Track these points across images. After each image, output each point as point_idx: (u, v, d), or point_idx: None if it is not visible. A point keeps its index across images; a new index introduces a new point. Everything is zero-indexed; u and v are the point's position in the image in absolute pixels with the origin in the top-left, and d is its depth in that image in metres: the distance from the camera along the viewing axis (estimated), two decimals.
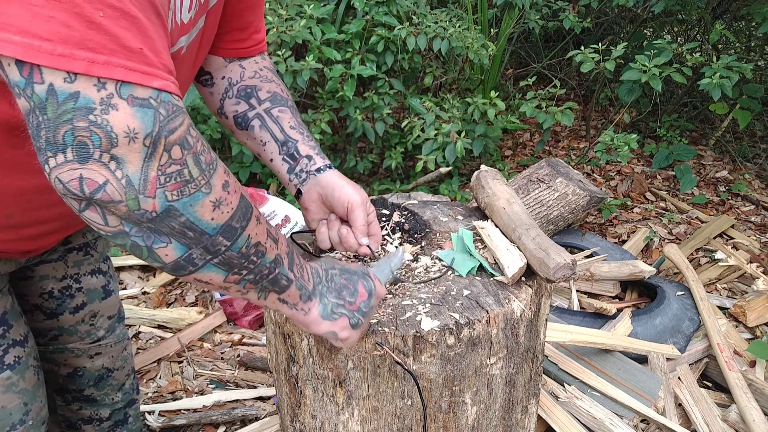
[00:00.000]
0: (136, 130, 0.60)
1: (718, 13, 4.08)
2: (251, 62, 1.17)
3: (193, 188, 0.65)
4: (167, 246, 0.68)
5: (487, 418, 1.14)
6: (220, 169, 0.69)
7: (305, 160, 1.12)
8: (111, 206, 0.63)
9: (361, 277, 0.94)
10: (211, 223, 0.68)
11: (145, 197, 0.63)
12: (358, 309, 0.92)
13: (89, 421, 1.45)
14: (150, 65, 0.61)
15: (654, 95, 3.86)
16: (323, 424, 1.14)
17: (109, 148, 0.60)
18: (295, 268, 0.85)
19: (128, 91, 0.60)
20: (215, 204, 0.68)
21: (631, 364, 1.98)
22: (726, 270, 2.70)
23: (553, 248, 1.10)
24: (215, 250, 0.71)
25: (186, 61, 0.93)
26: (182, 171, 0.64)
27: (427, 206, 1.44)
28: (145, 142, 0.61)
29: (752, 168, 3.84)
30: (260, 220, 0.76)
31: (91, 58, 0.58)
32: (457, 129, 2.94)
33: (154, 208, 0.64)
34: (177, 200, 0.64)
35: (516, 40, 4.51)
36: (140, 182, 0.62)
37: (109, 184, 0.61)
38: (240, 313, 2.46)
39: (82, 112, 0.58)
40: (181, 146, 0.63)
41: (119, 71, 0.59)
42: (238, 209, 0.71)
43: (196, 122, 2.91)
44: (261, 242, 0.76)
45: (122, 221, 0.65)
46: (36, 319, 1.28)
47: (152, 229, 0.66)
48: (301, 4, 2.90)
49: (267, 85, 1.15)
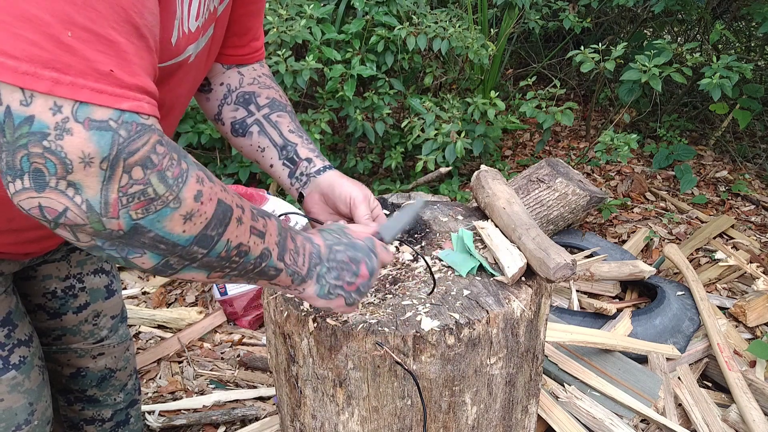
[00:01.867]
0: (91, 155, 0.58)
1: (718, 13, 4.08)
2: (250, 69, 1.16)
3: (160, 205, 0.63)
4: (142, 256, 0.67)
5: (487, 418, 1.14)
6: (191, 179, 0.66)
7: (305, 162, 1.11)
8: (76, 228, 0.62)
9: (366, 255, 0.92)
10: (183, 236, 0.66)
11: (108, 218, 0.61)
12: (356, 290, 0.91)
13: (91, 421, 1.46)
14: (121, 86, 0.60)
15: (654, 95, 3.86)
16: (323, 424, 1.14)
17: (64, 174, 0.58)
18: (287, 256, 0.83)
19: (85, 113, 0.57)
20: (186, 217, 0.66)
21: (631, 364, 1.98)
22: (726, 270, 2.70)
23: (553, 248, 1.10)
24: (191, 257, 0.70)
25: (194, 69, 0.93)
26: (146, 190, 0.62)
27: (427, 206, 1.44)
28: (102, 165, 0.59)
29: (752, 168, 3.84)
30: (242, 220, 0.74)
31: (56, 78, 0.56)
32: (457, 129, 2.94)
33: (120, 228, 0.62)
34: (142, 218, 0.63)
35: (516, 40, 4.51)
36: (101, 206, 0.60)
37: (69, 210, 0.60)
38: (240, 313, 2.46)
39: (37, 137, 0.57)
40: (143, 166, 0.61)
41: (85, 92, 0.57)
42: (214, 217, 0.69)
43: (196, 122, 2.91)
44: (243, 243, 0.74)
45: (93, 237, 0.64)
46: (39, 319, 1.28)
47: (124, 243, 0.65)
48: (301, 4, 2.90)
49: (266, 91, 1.15)
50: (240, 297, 2.45)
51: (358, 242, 0.93)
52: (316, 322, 1.04)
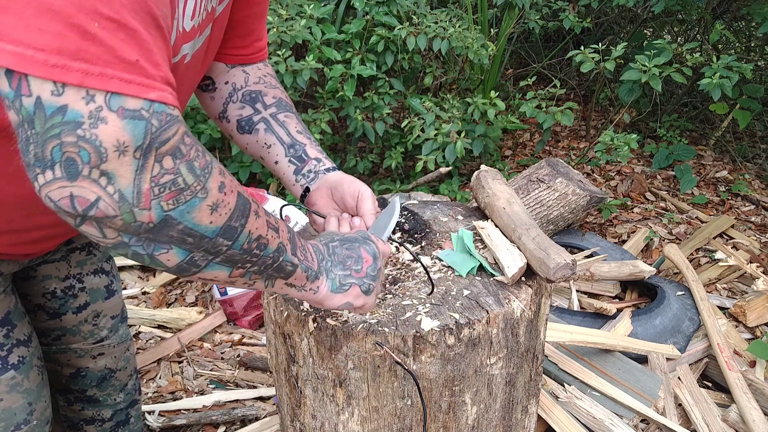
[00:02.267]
0: (126, 144, 0.58)
1: (718, 13, 4.08)
2: (254, 68, 1.18)
3: (189, 195, 0.64)
4: (168, 252, 0.67)
5: (487, 418, 1.14)
6: (215, 171, 0.67)
7: (314, 161, 1.14)
8: (107, 221, 0.62)
9: (362, 243, 0.94)
10: (210, 227, 0.67)
11: (140, 210, 0.61)
12: (366, 275, 0.92)
13: (91, 421, 1.45)
14: (147, 77, 0.60)
15: (654, 95, 3.86)
16: (323, 424, 1.14)
17: (98, 163, 0.58)
18: (299, 251, 0.84)
19: (118, 102, 0.58)
20: (212, 207, 0.67)
21: (631, 364, 1.98)
22: (726, 270, 2.70)
23: (553, 248, 1.10)
24: (217, 250, 0.70)
25: (191, 69, 0.93)
26: (176, 180, 0.62)
27: (427, 206, 1.44)
28: (136, 154, 0.59)
29: (752, 168, 3.84)
30: (259, 213, 0.75)
31: (86, 69, 0.56)
32: (457, 129, 2.94)
33: (151, 220, 0.63)
34: (173, 209, 0.63)
35: (516, 40, 4.50)
36: (134, 196, 0.60)
37: (102, 200, 0.60)
38: (240, 313, 2.46)
39: (70, 126, 0.57)
40: (173, 156, 0.62)
41: (114, 83, 0.57)
42: (236, 208, 0.70)
43: (196, 122, 2.91)
44: (262, 235, 0.76)
45: (120, 233, 0.64)
46: (39, 319, 1.28)
47: (151, 239, 0.65)
48: (301, 4, 2.90)
49: (272, 90, 1.17)
50: (240, 297, 2.45)
51: (351, 235, 0.96)
52: (316, 322, 1.04)
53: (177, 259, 0.69)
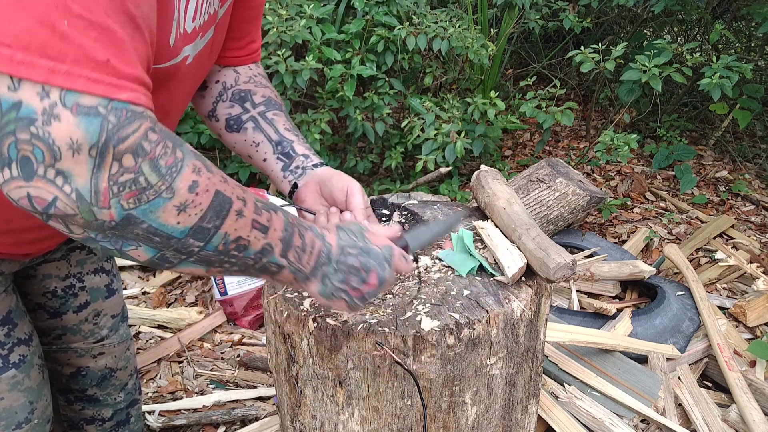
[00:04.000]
0: (79, 141, 0.56)
1: (718, 13, 4.08)
2: (245, 68, 1.18)
3: (152, 195, 0.61)
4: (137, 249, 0.66)
5: (487, 418, 1.14)
6: (186, 170, 0.64)
7: (302, 158, 1.13)
8: (67, 219, 0.61)
9: (378, 264, 0.88)
10: (177, 227, 0.65)
11: (99, 209, 0.60)
12: (361, 297, 0.88)
13: (91, 421, 1.46)
14: (118, 77, 0.58)
15: (654, 95, 3.86)
16: (323, 424, 1.14)
17: (53, 162, 0.56)
18: (291, 253, 0.80)
19: (73, 99, 0.56)
20: (179, 208, 0.64)
21: (631, 364, 1.98)
22: (726, 270, 2.70)
23: (553, 248, 1.10)
24: (188, 251, 0.68)
25: (192, 70, 0.93)
26: (137, 179, 0.60)
27: (427, 206, 1.44)
28: (91, 152, 0.57)
29: (752, 168, 3.84)
30: (243, 213, 0.71)
31: (52, 67, 0.55)
32: (457, 129, 2.94)
33: (112, 218, 0.61)
34: (134, 208, 0.61)
35: (516, 40, 4.51)
36: (91, 195, 0.59)
37: (59, 200, 0.58)
38: (240, 313, 2.46)
39: (24, 123, 0.55)
40: (134, 154, 0.59)
41: (81, 81, 0.56)
42: (210, 209, 0.67)
43: (196, 122, 2.91)
44: (242, 236, 0.72)
45: (85, 229, 0.63)
46: (39, 318, 1.28)
47: (117, 235, 0.64)
48: (301, 4, 2.90)
49: (261, 90, 1.16)
50: (240, 297, 2.45)
51: (374, 249, 0.89)
52: (316, 322, 1.04)
53: (147, 255, 0.67)
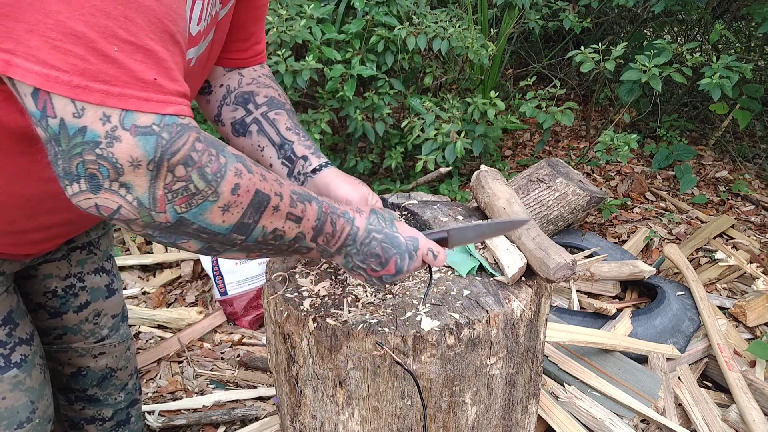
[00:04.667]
0: (139, 159, 0.64)
1: (718, 13, 4.08)
2: (250, 70, 1.17)
3: (200, 199, 0.70)
4: (188, 242, 0.75)
5: (487, 418, 1.14)
6: (229, 174, 0.71)
7: (301, 161, 1.11)
8: (129, 222, 0.70)
9: (399, 254, 0.93)
10: (222, 226, 0.73)
11: (157, 213, 0.68)
12: (379, 278, 0.95)
13: (92, 420, 1.46)
14: (164, 93, 0.66)
15: (654, 95, 3.86)
16: (323, 424, 1.14)
17: (116, 177, 0.65)
18: (321, 238, 0.88)
19: (131, 120, 0.63)
20: (224, 209, 0.72)
21: (631, 364, 1.98)
22: (726, 270, 2.70)
23: (553, 248, 1.10)
24: (231, 243, 0.77)
25: (195, 73, 0.94)
26: (188, 186, 0.68)
27: (427, 206, 1.44)
28: (149, 167, 0.65)
29: (752, 168, 3.84)
30: (279, 207, 0.79)
31: (106, 90, 0.62)
32: (457, 129, 2.94)
33: (167, 220, 0.70)
34: (186, 212, 0.70)
35: (516, 40, 4.50)
36: (150, 202, 0.67)
37: (123, 207, 0.67)
38: (240, 313, 2.46)
39: (90, 146, 0.63)
40: (184, 165, 0.67)
41: (133, 102, 0.63)
42: (250, 207, 0.74)
43: (197, 122, 2.90)
44: (278, 228, 0.80)
45: (144, 228, 0.71)
46: (40, 318, 1.28)
47: (171, 232, 0.72)
48: (301, 4, 2.90)
49: (264, 90, 1.15)
50: (240, 297, 2.45)
51: (399, 238, 0.94)
52: (316, 322, 1.04)
53: (197, 247, 0.76)
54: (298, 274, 1.19)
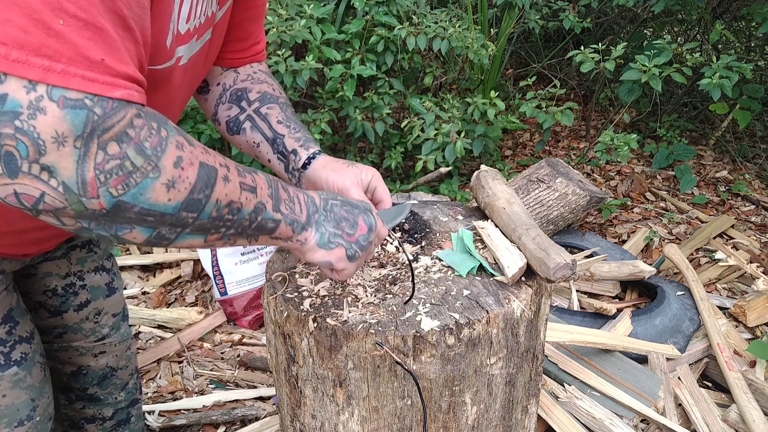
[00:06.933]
0: (65, 134, 0.56)
1: (718, 13, 4.08)
2: (246, 67, 1.17)
3: (140, 177, 0.61)
4: (132, 231, 0.66)
5: (487, 418, 1.14)
6: (170, 147, 0.64)
7: (292, 156, 1.11)
8: (58, 212, 0.61)
9: (362, 212, 0.94)
10: (169, 204, 0.65)
11: (88, 199, 0.59)
12: (356, 241, 0.92)
13: (92, 420, 1.46)
14: (112, 75, 0.59)
15: (654, 95, 3.86)
16: (323, 424, 1.14)
17: (37, 158, 0.56)
18: (283, 205, 0.83)
19: (60, 92, 0.56)
20: (168, 185, 0.64)
21: (631, 364, 1.98)
22: (726, 270, 2.70)
23: (553, 248, 1.10)
24: (183, 223, 0.69)
25: (188, 72, 0.93)
26: (123, 164, 0.60)
27: (427, 206, 1.44)
28: (76, 144, 0.57)
29: (752, 168, 3.85)
30: (229, 177, 0.72)
31: (48, 66, 0.55)
32: (457, 129, 2.94)
33: (102, 207, 0.61)
34: (124, 193, 0.61)
35: (516, 40, 4.51)
36: (78, 186, 0.58)
37: (47, 195, 0.58)
38: (240, 313, 2.46)
39: (8, 117, 0.54)
40: (118, 141, 0.59)
41: (76, 81, 0.56)
42: (198, 181, 0.67)
43: (195, 122, 2.91)
44: (234, 200, 0.73)
45: (77, 220, 0.63)
46: (40, 316, 1.28)
47: (110, 221, 0.63)
48: (301, 3, 2.90)
49: (258, 86, 1.15)
50: (240, 297, 2.45)
51: (354, 201, 0.96)
52: (316, 322, 1.04)
53: (143, 236, 0.67)
54: (298, 274, 1.19)
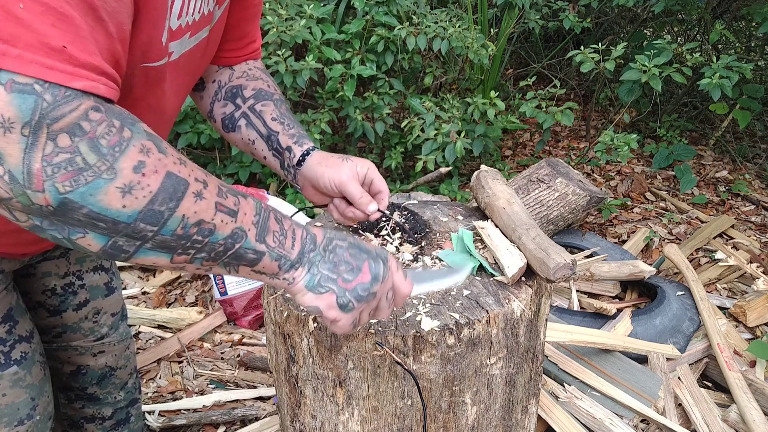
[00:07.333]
0: (12, 119, 0.54)
1: (718, 13, 4.08)
2: (242, 65, 1.17)
3: (91, 176, 0.57)
4: (85, 236, 0.62)
5: (487, 418, 1.14)
6: (131, 149, 0.60)
7: (287, 153, 1.09)
8: (7, 204, 0.58)
9: (372, 258, 0.81)
10: (123, 211, 0.60)
11: (33, 192, 0.56)
12: (352, 289, 0.79)
13: (92, 419, 1.46)
14: (74, 65, 0.57)
15: (654, 95, 3.86)
16: (323, 424, 1.14)
17: None
18: (270, 237, 0.74)
19: (8, 76, 0.54)
20: (124, 190, 0.59)
21: (631, 364, 1.98)
22: (726, 270, 2.70)
23: (553, 248, 1.10)
24: (141, 236, 0.63)
25: (182, 69, 0.92)
26: (73, 159, 0.57)
27: (427, 206, 1.44)
28: (24, 131, 0.54)
29: (752, 168, 3.85)
30: (203, 195, 0.66)
31: (3, 50, 0.53)
32: (457, 129, 2.94)
33: (48, 202, 0.57)
34: (71, 191, 0.57)
35: (516, 40, 4.51)
36: (24, 176, 0.56)
37: None
38: (240, 313, 2.46)
39: None
40: (70, 133, 0.56)
41: (33, 67, 0.54)
42: (161, 191, 0.62)
43: (195, 122, 2.91)
44: (205, 219, 0.67)
45: (28, 216, 0.60)
46: (39, 316, 1.28)
47: (61, 221, 0.60)
48: (301, 3, 2.90)
49: (253, 83, 1.14)
50: (240, 297, 2.45)
51: (367, 245, 0.84)
52: (316, 322, 1.04)
53: (98, 244, 0.63)
54: None
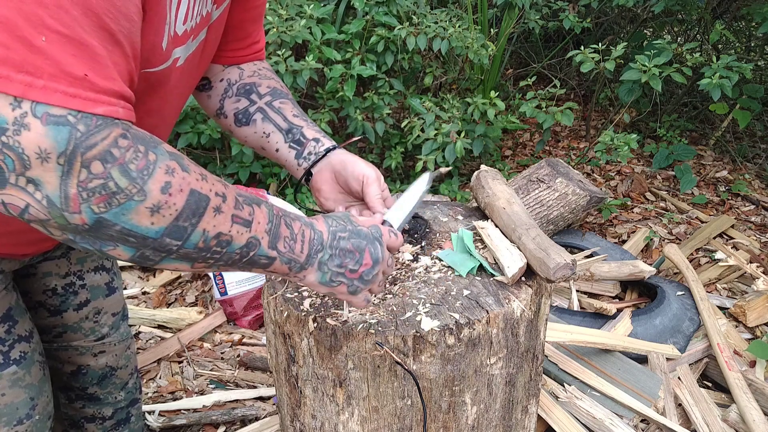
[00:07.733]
0: (48, 150, 0.58)
1: (718, 13, 4.08)
2: (249, 65, 1.18)
3: (123, 198, 0.62)
4: (116, 248, 0.67)
5: (487, 418, 1.14)
6: (158, 171, 0.64)
7: (313, 143, 1.13)
8: (43, 223, 0.63)
9: (370, 243, 0.90)
10: (151, 228, 0.65)
11: (70, 213, 0.61)
12: (359, 277, 0.89)
13: (92, 419, 1.46)
14: (96, 91, 0.60)
15: (654, 95, 3.86)
16: (323, 424, 1.14)
17: (23, 171, 0.58)
18: (281, 243, 0.80)
19: (43, 108, 0.57)
20: (152, 209, 0.64)
21: (631, 364, 1.98)
22: (726, 270, 2.70)
23: (553, 248, 1.10)
24: (167, 249, 0.68)
25: (185, 73, 0.93)
26: (107, 184, 0.61)
27: (427, 206, 1.44)
28: (59, 161, 0.59)
29: (752, 168, 3.85)
30: (222, 209, 0.71)
31: (29, 82, 0.56)
32: (457, 129, 2.94)
33: (83, 222, 0.62)
34: (106, 211, 0.62)
35: (516, 40, 4.51)
36: (61, 201, 0.60)
37: (31, 206, 0.61)
38: (240, 313, 2.46)
39: None
40: (102, 161, 0.60)
41: (57, 96, 0.57)
42: (185, 208, 0.67)
43: (196, 122, 2.91)
44: (223, 232, 0.72)
45: (62, 232, 0.64)
46: (40, 316, 1.28)
47: (93, 237, 0.65)
48: (301, 4, 2.90)
49: (266, 81, 1.17)
50: (240, 297, 2.45)
51: (363, 230, 0.91)
52: (316, 322, 1.04)
53: (127, 254, 0.68)
54: None
